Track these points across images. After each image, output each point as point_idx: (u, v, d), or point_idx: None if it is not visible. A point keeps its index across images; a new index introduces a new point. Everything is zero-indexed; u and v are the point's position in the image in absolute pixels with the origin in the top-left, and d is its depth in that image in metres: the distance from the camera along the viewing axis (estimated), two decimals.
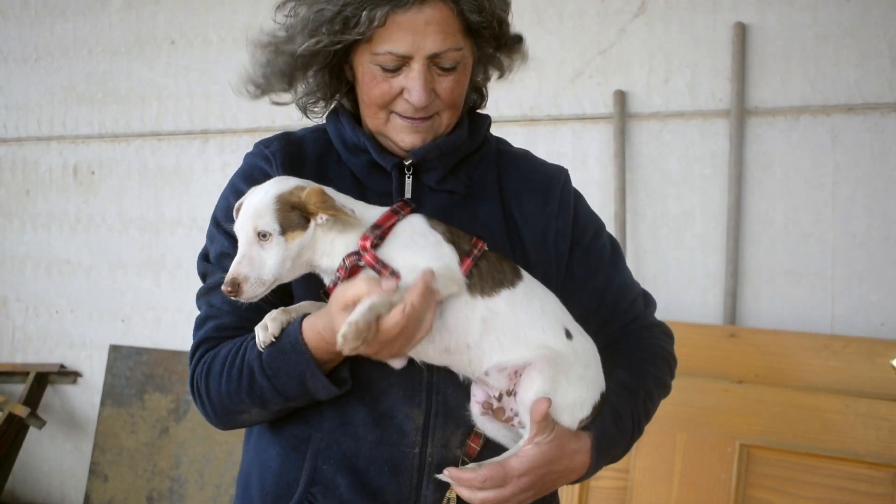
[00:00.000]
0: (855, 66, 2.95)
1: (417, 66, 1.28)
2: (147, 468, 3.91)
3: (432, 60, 1.29)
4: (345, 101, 1.46)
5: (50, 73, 4.36)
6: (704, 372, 2.86)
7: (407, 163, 1.38)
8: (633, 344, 1.46)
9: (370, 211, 1.28)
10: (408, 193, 1.38)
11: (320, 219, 1.21)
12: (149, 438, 3.93)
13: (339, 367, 1.27)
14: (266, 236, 1.20)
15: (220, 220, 1.39)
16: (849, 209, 2.95)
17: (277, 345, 1.23)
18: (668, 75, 3.21)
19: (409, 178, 1.38)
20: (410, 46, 1.27)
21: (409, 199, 1.31)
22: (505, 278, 1.26)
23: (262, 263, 1.20)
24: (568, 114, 3.34)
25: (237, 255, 1.21)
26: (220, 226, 1.39)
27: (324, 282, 1.29)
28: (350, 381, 1.28)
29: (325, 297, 1.26)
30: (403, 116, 1.34)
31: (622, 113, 3.23)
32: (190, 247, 4.00)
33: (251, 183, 1.36)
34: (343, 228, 1.23)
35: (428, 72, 1.29)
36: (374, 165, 1.39)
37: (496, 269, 1.26)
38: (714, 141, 3.14)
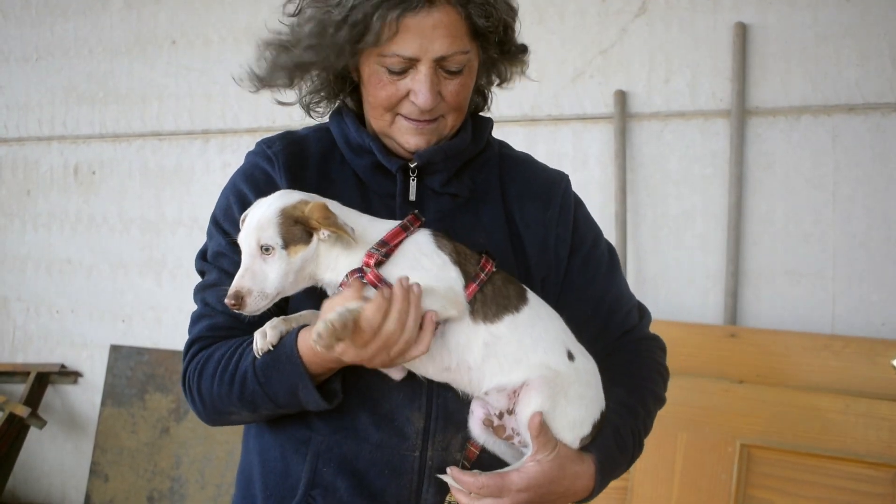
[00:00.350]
0: (855, 65, 2.95)
1: (424, 68, 1.28)
2: (148, 468, 3.91)
3: (439, 63, 1.29)
4: (348, 101, 1.45)
5: (51, 73, 4.37)
6: (705, 372, 2.85)
7: (412, 165, 1.37)
8: (630, 358, 1.46)
9: (377, 225, 1.27)
10: (412, 196, 1.37)
11: (323, 234, 1.21)
12: (149, 438, 3.93)
13: (331, 380, 1.26)
14: (269, 250, 1.20)
15: (219, 219, 1.39)
16: (849, 209, 2.95)
17: (273, 353, 1.23)
18: (668, 75, 3.20)
19: (413, 180, 1.38)
20: (418, 49, 1.26)
21: (419, 214, 1.30)
22: (510, 303, 1.26)
23: (264, 277, 1.20)
24: (569, 114, 3.34)
25: (240, 269, 1.22)
26: (219, 225, 1.38)
27: (327, 294, 1.28)
28: (341, 395, 1.27)
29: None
30: (408, 118, 1.33)
31: (623, 113, 3.23)
32: (191, 247, 3.99)
33: (252, 182, 1.36)
34: (348, 244, 1.23)
35: (434, 75, 1.29)
36: (378, 167, 1.39)
37: (501, 294, 1.26)
38: (715, 141, 3.14)
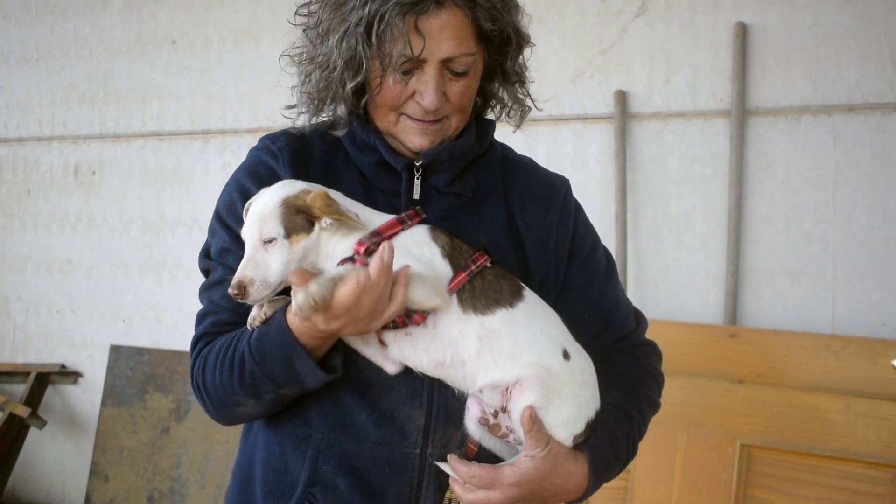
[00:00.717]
0: (856, 65, 2.95)
1: (431, 69, 1.29)
2: (148, 468, 3.91)
3: (445, 65, 1.30)
4: (354, 100, 1.45)
5: (51, 73, 4.37)
6: (705, 372, 2.85)
7: (417, 164, 1.38)
8: (626, 363, 1.47)
9: (377, 218, 1.28)
10: (416, 195, 1.38)
11: (324, 222, 1.22)
12: (149, 438, 3.93)
13: (332, 356, 1.27)
14: (271, 240, 1.21)
15: (222, 215, 1.39)
16: (850, 209, 2.95)
17: (265, 329, 1.24)
18: (668, 75, 3.20)
19: (417, 179, 1.39)
20: (425, 50, 1.27)
21: (420, 209, 1.30)
22: (502, 297, 1.26)
23: (267, 266, 1.21)
24: (569, 114, 3.34)
25: (244, 258, 1.22)
26: (223, 221, 1.39)
27: None
28: (341, 369, 1.27)
29: None
30: (413, 119, 1.34)
31: (623, 113, 3.23)
32: (191, 247, 4.00)
33: (255, 178, 1.37)
34: (347, 233, 1.23)
35: (440, 76, 1.30)
36: (382, 165, 1.39)
37: (493, 289, 1.26)
38: (715, 141, 3.14)
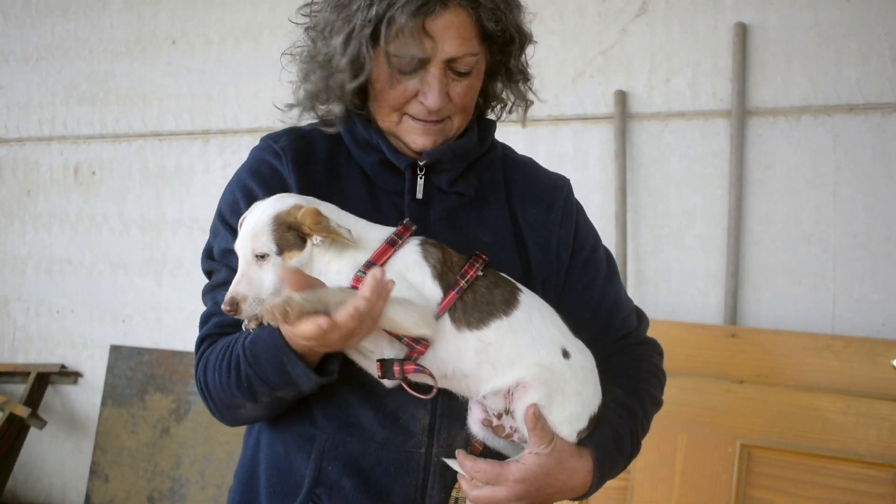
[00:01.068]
0: (856, 65, 2.95)
1: (434, 69, 1.29)
2: (148, 468, 3.91)
3: (448, 65, 1.30)
4: (355, 100, 1.45)
5: (51, 73, 4.37)
6: (705, 372, 2.85)
7: (421, 163, 1.38)
8: (629, 361, 1.47)
9: (373, 231, 1.27)
10: (419, 194, 1.38)
11: (315, 239, 1.21)
12: (150, 438, 3.93)
13: (330, 360, 1.26)
14: (264, 256, 1.21)
15: (225, 215, 1.39)
16: (850, 209, 2.95)
17: (259, 332, 1.24)
18: (669, 75, 3.20)
19: (420, 178, 1.39)
20: (430, 50, 1.27)
21: (410, 222, 1.30)
22: (495, 308, 1.25)
23: (260, 283, 1.21)
24: (569, 114, 3.34)
25: (237, 275, 1.22)
26: (226, 221, 1.38)
27: None
28: (336, 373, 1.26)
29: None
30: (416, 118, 1.34)
31: (623, 113, 3.23)
32: (191, 247, 4.00)
33: (259, 177, 1.37)
34: (341, 249, 1.23)
35: (444, 76, 1.30)
36: (385, 164, 1.39)
37: (485, 301, 1.25)
38: (715, 141, 3.14)
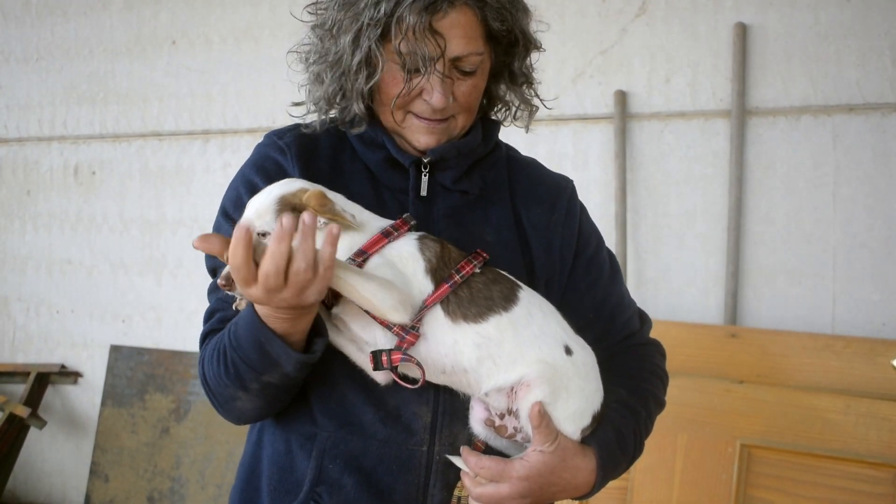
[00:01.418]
0: (856, 65, 2.95)
1: (440, 68, 1.28)
2: (148, 468, 3.91)
3: (453, 63, 1.30)
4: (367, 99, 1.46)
5: (51, 73, 4.37)
6: (705, 372, 2.85)
7: (425, 160, 1.38)
8: (631, 362, 1.47)
9: (375, 221, 1.27)
10: (423, 191, 1.38)
11: (319, 222, 1.20)
12: (150, 438, 3.93)
13: (315, 341, 1.23)
14: (265, 235, 1.20)
15: (228, 210, 1.39)
16: (850, 209, 2.95)
17: (240, 316, 1.23)
18: (669, 75, 3.20)
19: (425, 176, 1.39)
20: (436, 49, 1.26)
21: (409, 216, 1.29)
22: (494, 304, 1.25)
23: None
24: (569, 114, 3.34)
25: None
26: (229, 216, 1.38)
27: None
28: (320, 353, 1.23)
29: (324, 303, 1.26)
30: (420, 117, 1.34)
31: (623, 113, 3.23)
32: (191, 247, 3.99)
33: (263, 173, 1.37)
34: (343, 233, 1.22)
35: (449, 74, 1.30)
36: (389, 161, 1.39)
37: (483, 296, 1.25)
38: (715, 141, 3.14)
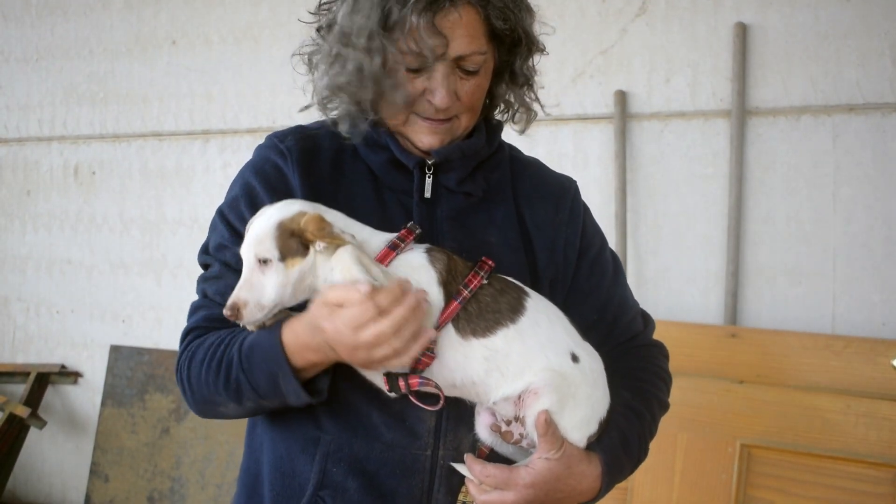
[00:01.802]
0: (856, 65, 2.95)
1: (443, 67, 1.28)
2: (148, 468, 3.91)
3: (457, 63, 1.29)
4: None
5: (51, 74, 4.37)
6: (705, 372, 2.85)
7: (430, 162, 1.37)
8: (634, 363, 1.47)
9: (377, 237, 1.27)
10: (427, 193, 1.37)
11: (318, 246, 1.20)
12: (150, 439, 3.93)
13: (320, 378, 1.25)
14: (266, 262, 1.20)
15: (224, 211, 1.38)
16: (850, 209, 2.95)
17: (258, 338, 1.23)
18: (668, 75, 3.20)
19: (429, 177, 1.38)
20: (439, 48, 1.26)
21: (414, 225, 1.29)
22: (501, 317, 1.25)
23: (261, 289, 1.20)
24: (569, 114, 3.34)
25: (240, 280, 1.22)
26: (224, 217, 1.38)
27: None
28: (325, 394, 1.26)
29: None
30: (423, 117, 1.33)
31: (623, 113, 3.23)
32: (191, 247, 3.99)
33: (262, 177, 1.36)
34: None
35: (452, 74, 1.29)
36: (393, 163, 1.38)
37: (490, 310, 1.25)
38: (715, 141, 3.13)
